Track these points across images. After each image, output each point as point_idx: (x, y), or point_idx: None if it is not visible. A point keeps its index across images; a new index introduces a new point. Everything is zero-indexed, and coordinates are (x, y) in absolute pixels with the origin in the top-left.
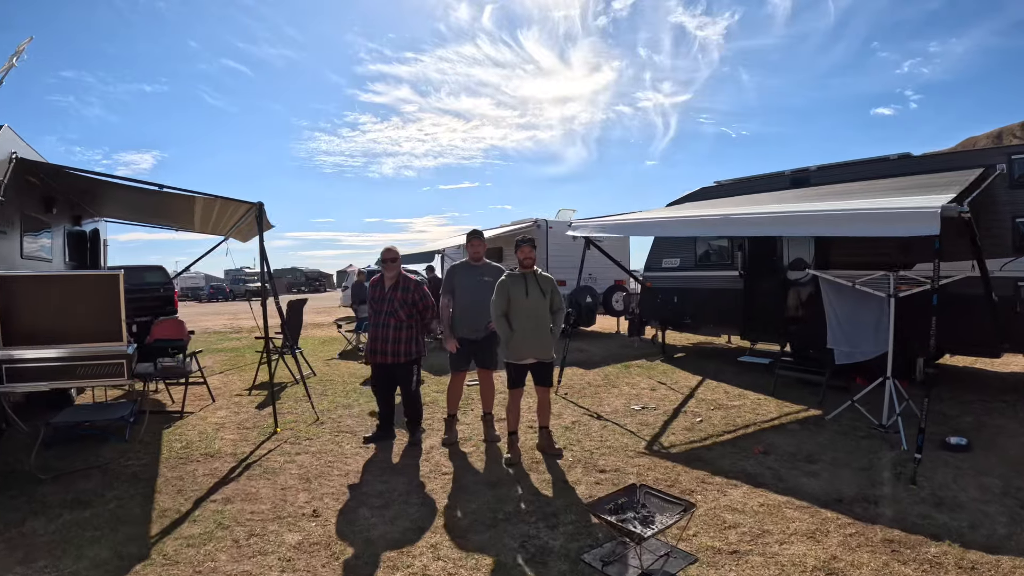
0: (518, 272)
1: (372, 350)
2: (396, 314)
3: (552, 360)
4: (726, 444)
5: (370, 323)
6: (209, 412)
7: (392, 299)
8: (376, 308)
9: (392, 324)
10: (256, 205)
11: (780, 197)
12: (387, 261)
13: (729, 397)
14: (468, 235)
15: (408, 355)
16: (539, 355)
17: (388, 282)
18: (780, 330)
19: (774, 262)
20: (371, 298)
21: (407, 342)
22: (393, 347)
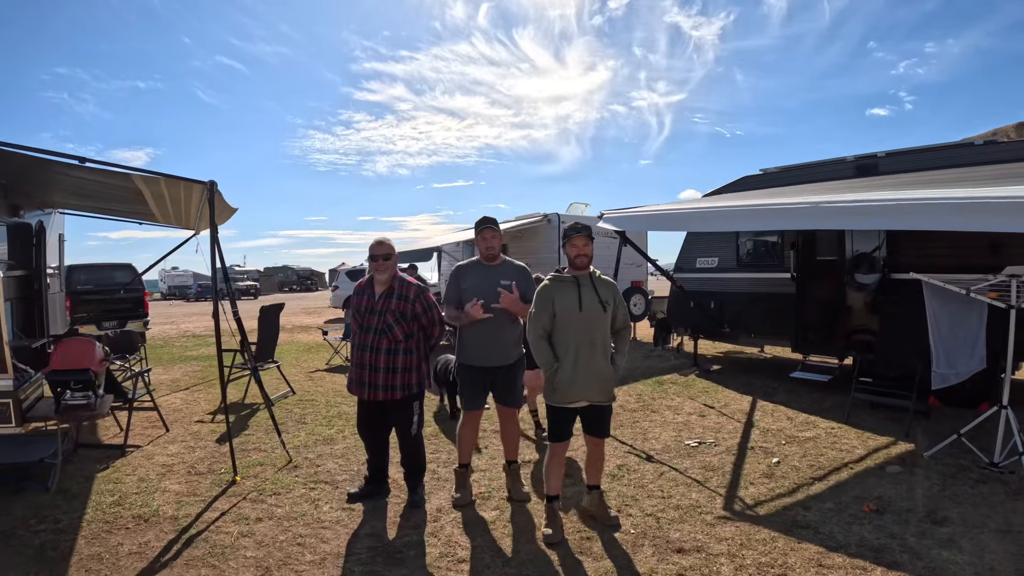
0: (567, 274)
1: (358, 381)
2: (390, 332)
3: (612, 402)
4: (823, 497)
5: (353, 343)
6: (158, 447)
7: (384, 311)
8: (362, 323)
9: (384, 346)
10: (207, 185)
11: (847, 187)
12: (377, 259)
13: (796, 426)
14: (478, 224)
15: (406, 389)
16: (595, 396)
17: (379, 287)
18: (842, 342)
19: (834, 263)
20: (355, 308)
21: (405, 371)
22: (386, 378)
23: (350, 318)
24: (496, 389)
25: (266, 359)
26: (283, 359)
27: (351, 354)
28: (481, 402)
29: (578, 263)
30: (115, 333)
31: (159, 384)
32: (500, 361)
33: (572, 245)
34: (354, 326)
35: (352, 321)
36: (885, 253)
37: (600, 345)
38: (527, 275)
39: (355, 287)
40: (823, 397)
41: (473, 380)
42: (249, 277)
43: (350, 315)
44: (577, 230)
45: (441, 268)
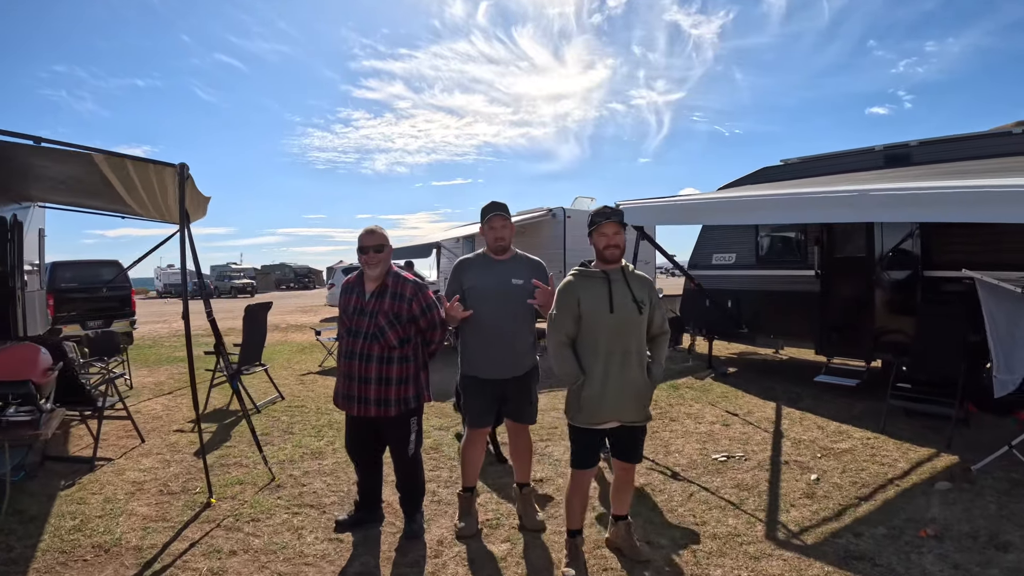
0: (595, 269)
1: (345, 394)
2: (383, 337)
3: (647, 421)
4: (873, 521)
5: (340, 350)
6: (131, 460)
7: (376, 312)
8: (350, 326)
9: (376, 354)
10: (177, 168)
11: (877, 177)
12: (368, 251)
13: (828, 436)
14: (485, 210)
15: (402, 404)
16: (628, 415)
17: (370, 284)
18: (871, 345)
19: (861, 260)
20: (342, 309)
21: (401, 383)
22: (379, 391)
23: None
24: (507, 403)
25: (252, 362)
26: (274, 360)
27: (338, 362)
28: (489, 418)
29: (608, 255)
30: (96, 334)
31: (141, 387)
32: (511, 371)
33: (601, 234)
34: (341, 330)
35: (339, 324)
36: (918, 249)
37: (635, 354)
38: (543, 272)
39: (343, 284)
40: (852, 403)
41: (479, 393)
42: (246, 275)
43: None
44: (606, 216)
45: (440, 265)
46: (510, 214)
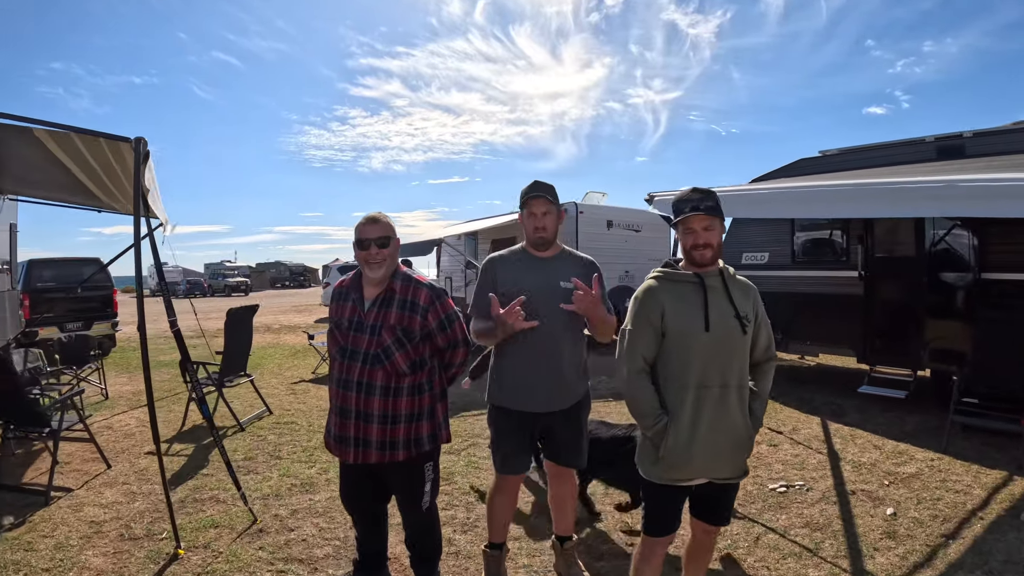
0: (684, 271)
1: (339, 435)
2: (388, 360)
3: (743, 477)
4: (968, 565)
5: (332, 376)
6: (92, 491)
7: (379, 327)
8: (346, 344)
9: (379, 383)
10: (132, 143)
11: (930, 171)
12: (369, 245)
13: (889, 458)
14: (524, 192)
15: (414, 446)
16: (722, 470)
17: (372, 290)
18: (921, 353)
19: (910, 260)
20: (334, 322)
21: (412, 420)
22: (382, 431)
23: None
24: (549, 442)
25: (236, 372)
26: (264, 366)
27: (329, 391)
28: (525, 461)
29: (697, 258)
30: (68, 338)
31: (118, 397)
32: (557, 402)
33: (688, 230)
34: (333, 349)
35: (329, 341)
36: (975, 249)
37: (735, 388)
38: (595, 270)
39: (334, 288)
40: (901, 417)
41: (514, 430)
42: (240, 273)
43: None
44: (694, 204)
45: (441, 264)
46: (557, 199)
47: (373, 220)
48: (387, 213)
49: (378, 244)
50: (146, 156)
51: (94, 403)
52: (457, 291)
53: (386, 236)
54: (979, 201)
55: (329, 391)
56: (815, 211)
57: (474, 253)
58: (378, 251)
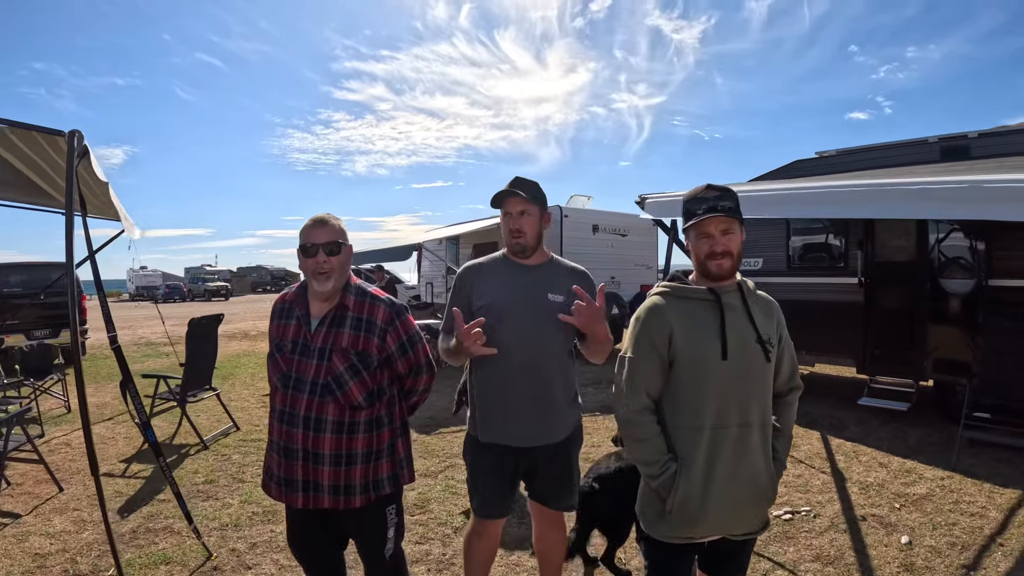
0: (695, 285)
1: (284, 479)
2: (341, 390)
3: (764, 531)
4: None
5: (273, 409)
6: (41, 517)
7: (329, 351)
8: (287, 371)
9: (331, 418)
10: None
11: (933, 172)
12: (315, 250)
13: (896, 476)
14: (499, 196)
15: (372, 490)
16: (740, 524)
17: (319, 306)
18: (924, 363)
19: (912, 266)
20: (275, 344)
21: (370, 459)
22: (335, 474)
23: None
24: (534, 481)
25: (200, 386)
26: (237, 376)
27: (270, 426)
28: (506, 503)
29: (714, 268)
30: (30, 347)
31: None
32: (544, 436)
33: (703, 235)
34: (272, 375)
35: (269, 367)
36: (980, 254)
37: (757, 427)
38: (589, 285)
39: (274, 304)
40: (904, 431)
41: (494, 468)
42: (220, 277)
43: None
44: (711, 204)
45: (422, 269)
46: (539, 197)
47: (320, 222)
48: (371, 217)
49: (327, 250)
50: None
51: (56, 416)
52: (438, 297)
53: (336, 241)
54: (1007, 204)
55: (269, 425)
56: (841, 212)
57: (455, 258)
58: (327, 259)
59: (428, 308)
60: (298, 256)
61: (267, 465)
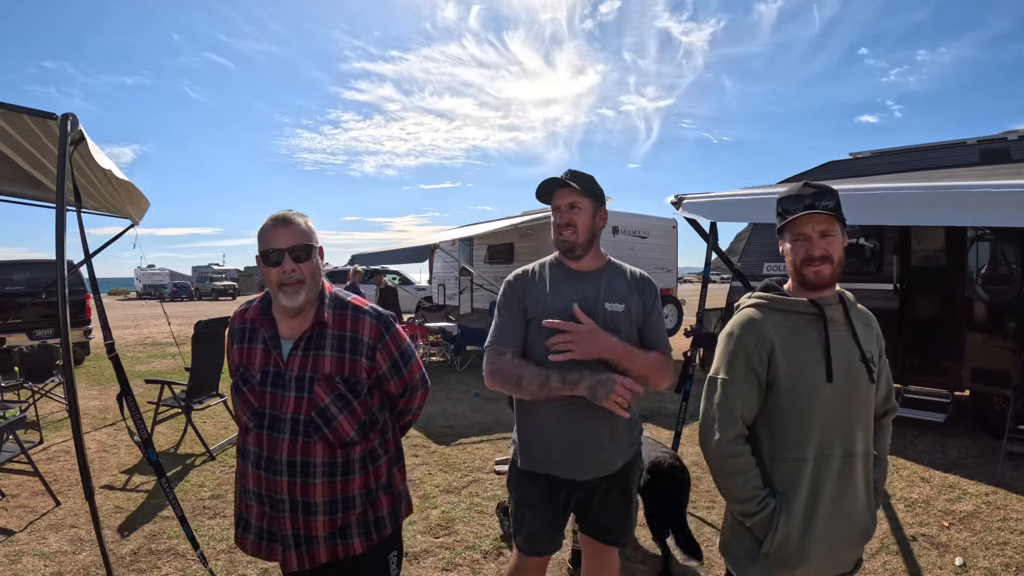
0: (796, 298)
1: (264, 532)
2: (330, 425)
3: (858, 570)
4: None
5: (242, 447)
6: (35, 535)
7: (308, 378)
8: (258, 407)
9: (320, 459)
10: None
11: (974, 175)
12: (280, 256)
13: (940, 492)
14: (547, 188)
15: (374, 531)
16: (841, 564)
17: (291, 324)
18: (962, 372)
19: (950, 273)
20: (239, 375)
21: (368, 498)
22: (330, 523)
23: None
24: (587, 514)
25: (207, 392)
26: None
27: (239, 468)
28: (556, 539)
29: (812, 276)
30: (30, 348)
31: (83, 414)
32: (599, 467)
33: (799, 237)
34: (240, 411)
35: (235, 401)
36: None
37: (861, 456)
38: (654, 293)
39: (233, 324)
40: (942, 442)
41: (543, 500)
42: (228, 277)
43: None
44: (805, 199)
45: (435, 271)
46: (594, 191)
47: (282, 221)
48: (379, 217)
49: (294, 256)
50: (79, 137)
51: (56, 421)
52: (451, 299)
53: (305, 244)
54: None
55: (240, 469)
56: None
57: (469, 259)
58: (295, 267)
59: (441, 310)
60: (258, 265)
61: (239, 515)
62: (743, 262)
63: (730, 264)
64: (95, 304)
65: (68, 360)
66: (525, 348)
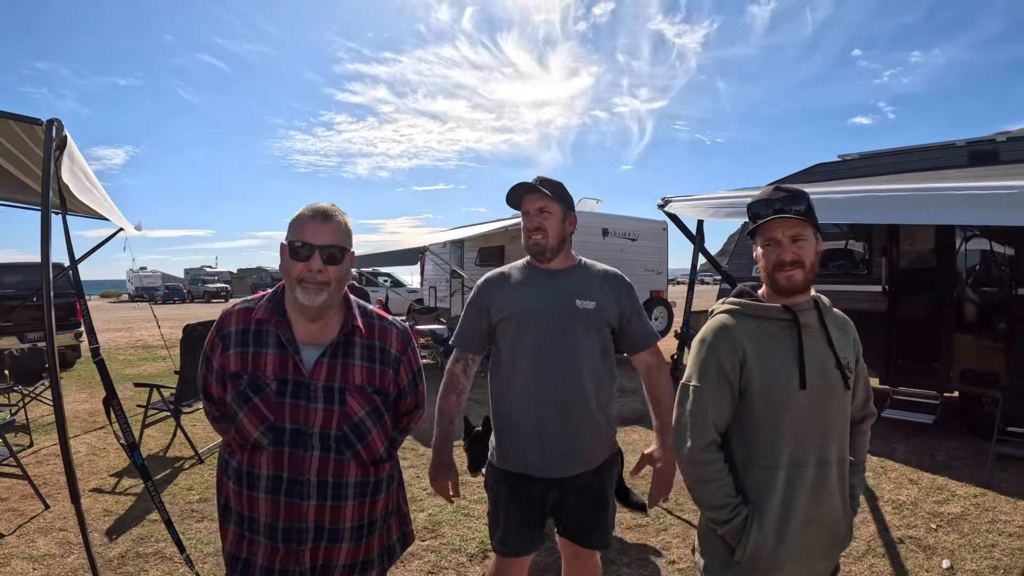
0: (770, 303)
1: (278, 570)
2: (364, 440)
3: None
4: None
5: (241, 471)
6: (24, 538)
7: (339, 389)
8: (280, 419)
9: (352, 476)
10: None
11: (962, 176)
12: (314, 253)
13: (928, 494)
14: (517, 194)
15: (387, 559)
16: (815, 571)
17: (312, 329)
18: (951, 374)
19: (938, 274)
20: (248, 382)
21: (386, 522)
22: (354, 551)
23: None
24: (564, 515)
25: (196, 395)
26: None
27: (232, 495)
28: (532, 540)
29: (784, 281)
30: (20, 351)
31: (73, 418)
32: (574, 464)
33: (770, 241)
34: (250, 428)
35: (240, 417)
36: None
37: (835, 464)
38: (626, 290)
39: (226, 322)
40: (931, 444)
41: (519, 500)
42: (220, 279)
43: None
44: (776, 203)
45: (426, 273)
46: (563, 196)
47: (324, 215)
48: (372, 219)
49: (326, 257)
50: (63, 142)
51: (46, 424)
52: (442, 301)
53: (341, 246)
54: None
55: (230, 494)
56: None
57: (460, 262)
58: (323, 268)
59: (432, 312)
60: (282, 253)
61: (234, 556)
62: (732, 264)
63: (717, 266)
64: (82, 307)
65: (54, 363)
66: (492, 347)
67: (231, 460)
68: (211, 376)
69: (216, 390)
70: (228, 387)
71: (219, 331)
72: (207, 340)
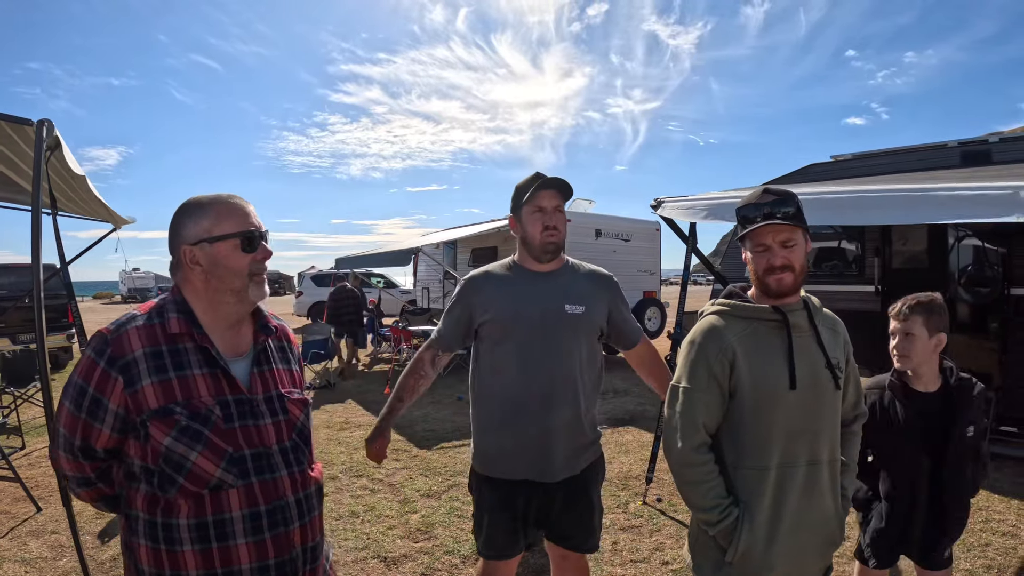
0: (760, 304)
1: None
2: (307, 443)
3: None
4: None
5: (202, 521)
6: (16, 541)
7: (277, 398)
8: (237, 448)
9: (313, 486)
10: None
11: (955, 177)
12: (259, 236)
13: None
14: (530, 182)
15: (327, 559)
16: (806, 571)
17: (232, 335)
18: None
19: (930, 274)
20: (185, 411)
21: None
22: (323, 563)
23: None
24: (550, 519)
25: None
26: None
27: (195, 564)
28: (515, 543)
29: (774, 285)
30: (12, 353)
31: None
32: (559, 470)
33: (759, 246)
34: (209, 468)
35: (193, 458)
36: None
37: (826, 464)
38: (614, 290)
39: (124, 346)
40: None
41: (503, 505)
42: None
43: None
44: (764, 208)
45: (419, 274)
46: (570, 196)
47: (243, 200)
48: (365, 220)
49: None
50: (55, 143)
51: (39, 426)
52: (435, 302)
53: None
54: None
55: (186, 562)
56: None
57: (453, 263)
58: (265, 257)
59: (425, 313)
60: (219, 252)
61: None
62: (725, 264)
63: (710, 267)
64: (73, 309)
65: (44, 364)
66: (473, 347)
67: (177, 520)
68: (100, 424)
69: (109, 440)
70: (151, 429)
71: (113, 361)
72: (83, 374)
